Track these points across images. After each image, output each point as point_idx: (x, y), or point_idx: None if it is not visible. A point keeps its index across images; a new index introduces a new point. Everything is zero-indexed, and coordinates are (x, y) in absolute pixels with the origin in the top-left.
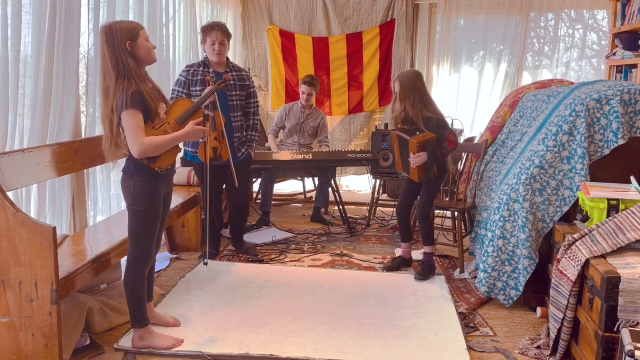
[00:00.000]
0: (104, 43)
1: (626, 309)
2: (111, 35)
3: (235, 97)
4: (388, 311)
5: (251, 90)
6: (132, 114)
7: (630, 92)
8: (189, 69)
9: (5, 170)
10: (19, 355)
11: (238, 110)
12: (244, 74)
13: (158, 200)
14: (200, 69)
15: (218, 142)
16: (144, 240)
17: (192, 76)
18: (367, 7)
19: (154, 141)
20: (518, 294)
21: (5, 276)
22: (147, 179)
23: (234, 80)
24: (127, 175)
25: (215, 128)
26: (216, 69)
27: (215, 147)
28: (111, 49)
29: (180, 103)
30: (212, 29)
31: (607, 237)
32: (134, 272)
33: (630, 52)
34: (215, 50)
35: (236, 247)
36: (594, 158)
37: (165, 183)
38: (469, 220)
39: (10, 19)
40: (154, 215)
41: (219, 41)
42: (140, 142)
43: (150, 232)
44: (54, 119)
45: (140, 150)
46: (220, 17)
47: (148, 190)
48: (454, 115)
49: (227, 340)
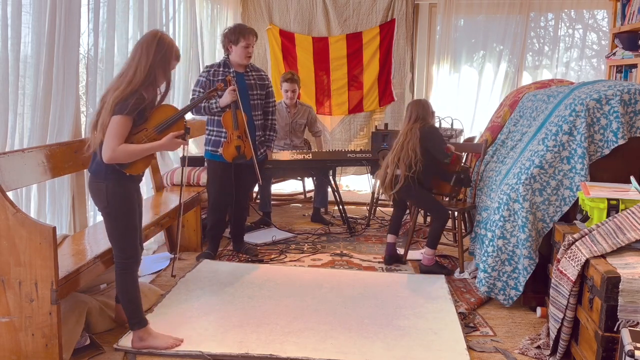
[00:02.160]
0: (152, 46)
1: (626, 309)
2: (162, 45)
3: (257, 96)
4: (388, 311)
5: (270, 90)
6: (124, 122)
7: (630, 92)
8: (209, 69)
9: (5, 170)
10: (19, 355)
11: (258, 110)
12: (262, 74)
13: (132, 200)
14: (221, 69)
15: (242, 140)
16: (129, 240)
17: (213, 77)
18: (367, 7)
19: (127, 150)
20: (518, 294)
21: (5, 276)
22: (120, 181)
23: (254, 80)
24: (98, 178)
25: (238, 127)
26: (237, 69)
27: (238, 146)
28: (155, 55)
29: (163, 109)
30: (249, 33)
31: (607, 237)
32: (125, 274)
33: (630, 52)
34: (248, 53)
35: (236, 247)
36: (594, 158)
37: (136, 185)
38: (469, 220)
39: (10, 19)
40: (132, 214)
41: (252, 45)
42: (114, 148)
43: (133, 230)
44: (54, 119)
45: (111, 156)
46: (220, 17)
47: (122, 191)
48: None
49: (227, 340)
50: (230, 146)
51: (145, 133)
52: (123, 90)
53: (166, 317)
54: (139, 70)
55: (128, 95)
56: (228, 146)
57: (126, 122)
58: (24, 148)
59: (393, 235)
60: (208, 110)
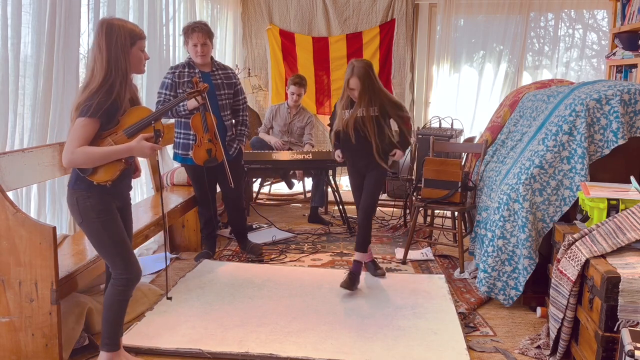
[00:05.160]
0: (101, 38)
1: (626, 309)
2: (111, 32)
3: (224, 96)
4: (388, 311)
5: (238, 87)
6: (87, 124)
7: (630, 92)
8: (174, 70)
9: (5, 170)
10: (19, 355)
11: (227, 109)
12: (229, 72)
13: (109, 211)
14: (186, 70)
15: (212, 143)
16: (118, 254)
17: (178, 78)
18: (367, 7)
19: (87, 152)
20: (518, 294)
21: (5, 276)
22: (91, 192)
23: (221, 79)
24: (70, 189)
25: (208, 130)
26: (202, 69)
27: (209, 149)
28: (108, 47)
29: (137, 111)
30: (192, 31)
31: (607, 237)
32: (117, 291)
33: (630, 52)
34: (198, 52)
35: (242, 246)
36: (594, 158)
37: (115, 197)
38: (469, 220)
39: (10, 19)
40: (114, 225)
41: (200, 43)
42: (72, 150)
43: (120, 242)
44: (54, 119)
45: (70, 159)
46: (220, 17)
47: (93, 203)
48: (454, 115)
49: (227, 339)
50: (201, 150)
51: (113, 136)
52: (83, 93)
53: (166, 315)
54: (97, 69)
55: (89, 97)
56: (199, 150)
57: (89, 124)
58: (24, 148)
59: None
60: (175, 113)
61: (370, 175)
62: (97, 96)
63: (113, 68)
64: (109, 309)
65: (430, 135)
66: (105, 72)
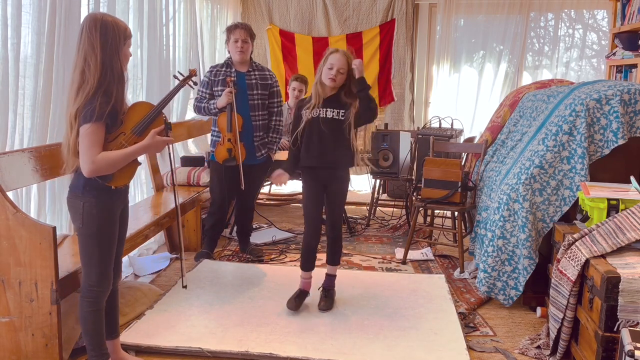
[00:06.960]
0: (95, 37)
1: (626, 309)
2: (106, 31)
3: (257, 96)
4: (388, 311)
5: (274, 89)
6: (95, 129)
7: (630, 92)
8: (212, 69)
9: (5, 170)
10: (19, 355)
11: (259, 110)
12: (267, 74)
13: (112, 221)
14: (223, 69)
15: (232, 143)
16: (98, 268)
17: (214, 76)
18: (367, 7)
19: (108, 158)
20: (518, 294)
21: (5, 276)
22: (99, 199)
23: (256, 79)
24: (76, 193)
25: (231, 129)
26: (239, 69)
27: (229, 149)
28: (103, 47)
29: (138, 108)
30: (235, 27)
31: (607, 237)
32: (87, 302)
33: (630, 52)
34: (238, 47)
35: (242, 247)
36: (594, 158)
37: (120, 200)
38: (469, 220)
39: (10, 19)
40: (108, 239)
41: (242, 39)
42: (93, 159)
43: (105, 257)
44: (54, 119)
45: (92, 169)
46: (220, 17)
47: (99, 212)
48: (454, 115)
49: (227, 338)
50: (222, 148)
51: (124, 137)
52: (78, 97)
53: (166, 314)
54: (89, 70)
55: (87, 102)
56: (221, 148)
57: (97, 128)
58: (24, 148)
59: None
60: (207, 111)
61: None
62: (96, 99)
63: (108, 69)
64: (85, 322)
65: (430, 135)
66: (100, 74)
